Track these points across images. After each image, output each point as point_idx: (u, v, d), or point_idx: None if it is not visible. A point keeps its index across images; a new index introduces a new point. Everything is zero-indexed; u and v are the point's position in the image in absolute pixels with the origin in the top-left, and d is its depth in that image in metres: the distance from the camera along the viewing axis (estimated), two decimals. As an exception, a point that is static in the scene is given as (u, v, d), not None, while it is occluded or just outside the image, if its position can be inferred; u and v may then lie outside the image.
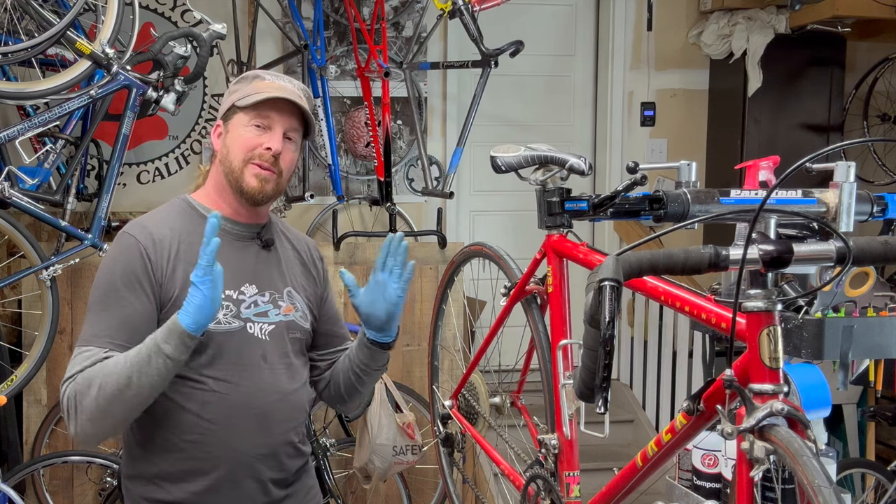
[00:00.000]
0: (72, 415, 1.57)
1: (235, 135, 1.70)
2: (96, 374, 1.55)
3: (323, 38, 4.05)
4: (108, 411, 1.54)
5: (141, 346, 1.55)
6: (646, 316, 4.29)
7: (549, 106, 4.77)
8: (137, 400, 1.55)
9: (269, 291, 1.74)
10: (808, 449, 1.11)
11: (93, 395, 1.53)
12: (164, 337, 1.53)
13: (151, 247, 1.64)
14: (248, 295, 1.71)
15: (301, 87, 1.76)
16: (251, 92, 1.70)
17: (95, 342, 1.60)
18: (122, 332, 1.60)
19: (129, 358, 1.54)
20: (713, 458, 1.80)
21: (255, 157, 1.68)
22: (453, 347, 3.08)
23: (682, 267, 1.19)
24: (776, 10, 4.35)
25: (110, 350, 1.58)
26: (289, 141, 1.72)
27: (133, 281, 1.62)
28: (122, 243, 1.67)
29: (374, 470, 3.24)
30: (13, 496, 2.91)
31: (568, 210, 1.81)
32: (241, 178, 1.69)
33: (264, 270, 1.76)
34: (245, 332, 1.68)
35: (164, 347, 1.52)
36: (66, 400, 1.57)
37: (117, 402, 1.53)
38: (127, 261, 1.63)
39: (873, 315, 1.55)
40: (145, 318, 1.62)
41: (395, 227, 4.02)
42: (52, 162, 3.17)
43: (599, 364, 1.17)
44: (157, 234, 1.67)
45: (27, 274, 2.99)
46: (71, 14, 2.72)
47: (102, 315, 1.62)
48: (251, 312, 1.70)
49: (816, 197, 1.46)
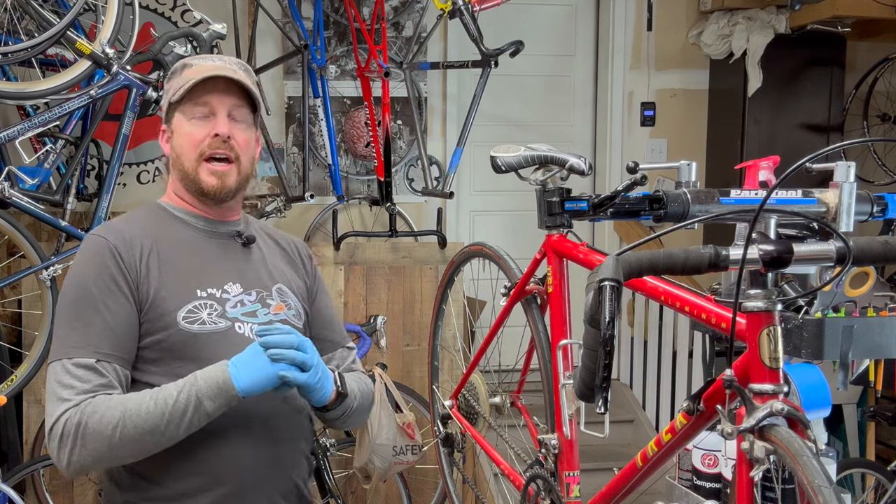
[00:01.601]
0: (68, 445, 1.40)
1: (180, 134, 1.58)
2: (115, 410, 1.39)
3: (323, 38, 4.05)
4: (120, 454, 1.42)
5: (175, 392, 1.41)
6: (646, 316, 4.29)
7: (549, 106, 4.77)
8: (156, 446, 1.42)
9: (256, 290, 1.61)
10: (808, 449, 1.11)
11: (106, 435, 1.38)
12: (211, 393, 1.40)
13: (122, 245, 1.51)
14: (232, 294, 1.57)
15: (235, 62, 1.62)
16: (181, 84, 1.56)
17: (78, 353, 1.43)
18: (105, 340, 1.45)
19: (161, 404, 1.40)
20: (713, 458, 1.80)
21: (206, 150, 1.55)
22: (453, 347, 3.07)
23: (682, 267, 1.19)
24: (776, 10, 4.35)
25: (100, 360, 1.44)
26: (236, 122, 1.58)
27: (109, 283, 1.47)
28: (90, 246, 1.53)
29: (374, 470, 3.24)
30: (13, 496, 2.91)
31: (568, 210, 1.81)
32: (198, 179, 1.57)
33: (248, 269, 1.63)
34: (234, 333, 1.54)
35: (207, 404, 1.40)
36: (65, 427, 1.39)
37: (135, 447, 1.41)
38: (98, 263, 1.49)
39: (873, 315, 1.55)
40: (128, 322, 1.48)
41: (395, 227, 4.03)
42: (52, 162, 3.16)
43: (599, 364, 1.17)
44: (128, 233, 1.54)
45: (27, 274, 2.98)
46: (71, 14, 2.72)
47: (78, 325, 1.46)
48: (238, 312, 1.56)
49: (816, 197, 1.46)
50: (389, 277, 3.79)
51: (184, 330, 1.49)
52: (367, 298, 3.75)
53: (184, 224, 1.62)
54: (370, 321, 3.65)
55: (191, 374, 1.44)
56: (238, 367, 1.42)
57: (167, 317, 1.50)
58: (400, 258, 3.87)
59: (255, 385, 1.42)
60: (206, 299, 1.53)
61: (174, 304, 1.51)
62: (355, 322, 3.68)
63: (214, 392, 1.41)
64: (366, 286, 3.75)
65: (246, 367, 1.42)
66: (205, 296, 1.53)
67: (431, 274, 3.82)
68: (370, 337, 3.58)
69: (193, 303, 1.52)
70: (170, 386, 1.43)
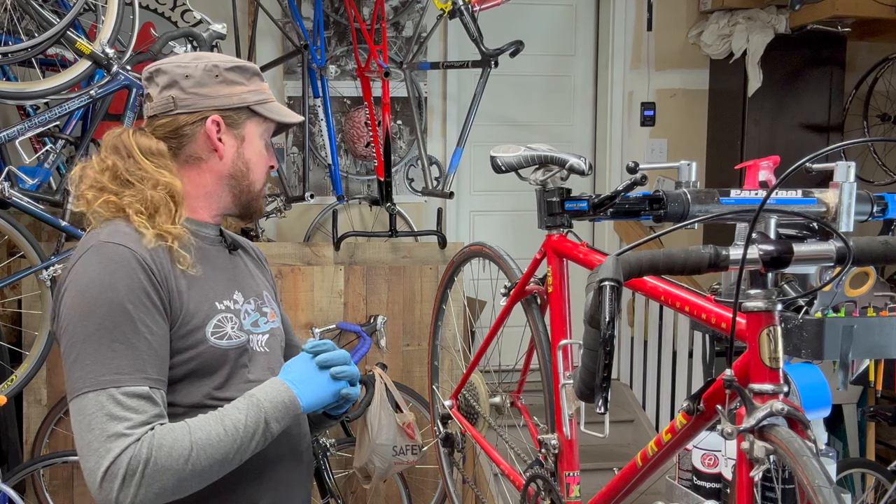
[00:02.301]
0: (133, 486, 1.25)
1: (256, 151, 1.50)
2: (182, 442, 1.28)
3: (323, 38, 4.05)
4: (186, 487, 1.30)
5: (243, 417, 1.33)
6: (646, 316, 4.29)
7: (549, 106, 4.77)
8: (220, 475, 1.34)
9: (253, 298, 1.53)
10: (808, 449, 1.11)
11: (176, 470, 1.27)
12: (278, 414, 1.37)
13: (149, 255, 1.36)
14: (240, 304, 1.49)
15: None
16: (265, 98, 1.50)
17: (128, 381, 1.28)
18: (152, 365, 1.31)
19: (231, 430, 1.32)
20: (713, 458, 1.80)
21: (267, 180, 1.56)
22: (453, 347, 3.07)
23: (682, 267, 1.19)
24: (776, 10, 4.35)
25: (153, 388, 1.31)
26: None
27: (143, 299, 1.32)
28: (111, 256, 1.34)
29: (374, 470, 3.24)
30: (13, 496, 2.91)
31: (568, 210, 1.81)
32: (258, 201, 1.53)
33: (241, 276, 1.54)
34: (250, 346, 1.48)
35: (274, 426, 1.36)
36: (129, 465, 1.24)
37: (203, 477, 1.31)
38: (128, 275, 1.32)
39: (873, 315, 1.55)
40: (164, 340, 1.34)
41: (395, 227, 4.03)
42: (52, 162, 3.16)
43: (599, 364, 1.16)
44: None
45: (27, 274, 2.98)
46: (71, 14, 2.72)
47: (120, 347, 1.29)
48: (248, 322, 1.49)
49: (816, 197, 1.46)
50: (389, 277, 3.79)
51: (214, 346, 1.40)
52: (367, 298, 3.75)
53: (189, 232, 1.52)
54: (370, 321, 3.65)
55: (246, 395, 1.38)
56: (300, 386, 1.41)
57: (198, 333, 1.39)
58: (400, 258, 3.87)
59: (318, 403, 1.43)
60: (225, 312, 1.44)
61: (202, 319, 1.40)
62: (355, 322, 3.68)
63: (282, 413, 1.38)
64: (366, 286, 3.75)
65: (309, 385, 1.42)
66: (223, 308, 1.44)
67: (431, 274, 3.82)
68: (370, 337, 3.58)
69: (217, 316, 1.42)
70: (231, 409, 1.35)
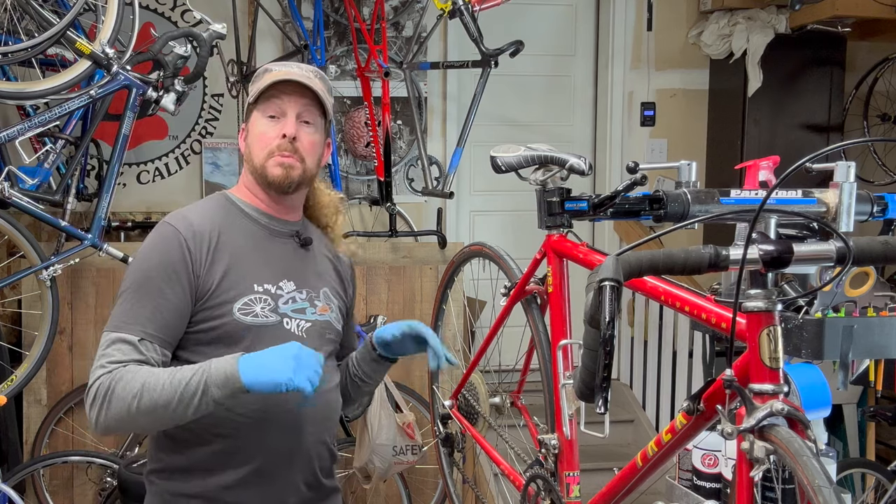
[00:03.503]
0: (97, 406, 1.53)
1: (254, 133, 1.69)
2: (137, 381, 1.50)
3: (323, 38, 4.05)
4: (137, 421, 1.53)
5: (189, 374, 1.50)
6: (646, 316, 4.29)
7: (549, 106, 4.77)
8: (166, 422, 1.53)
9: (307, 289, 1.72)
10: (808, 449, 1.11)
11: (126, 400, 1.50)
12: (219, 382, 1.49)
13: (192, 238, 1.61)
14: (285, 290, 1.68)
15: (311, 69, 1.73)
16: (260, 86, 1.69)
17: (127, 329, 1.56)
18: (154, 322, 1.56)
19: (175, 383, 1.49)
20: (713, 458, 1.80)
21: (275, 149, 1.66)
22: (453, 347, 3.08)
23: (682, 267, 1.19)
24: (776, 10, 4.35)
25: (143, 339, 1.55)
26: (306, 124, 1.69)
27: (170, 273, 1.58)
28: (161, 233, 1.63)
29: (374, 470, 3.24)
30: (13, 496, 2.91)
31: (568, 210, 1.81)
32: (266, 171, 1.67)
33: (302, 268, 1.74)
34: (282, 328, 1.65)
35: (214, 392, 1.48)
36: (97, 388, 1.53)
37: (148, 417, 1.51)
38: (165, 251, 1.60)
39: (873, 315, 1.55)
40: (179, 311, 1.59)
41: (395, 227, 4.02)
42: (52, 162, 3.16)
43: (599, 364, 1.17)
44: (197, 226, 1.64)
45: (27, 274, 2.99)
46: (71, 14, 2.72)
47: (135, 303, 1.58)
48: (289, 308, 1.67)
49: (816, 197, 1.46)
50: (389, 277, 3.79)
51: (238, 320, 1.60)
52: (367, 298, 3.75)
53: (249, 219, 1.71)
54: (370, 321, 3.65)
55: (207, 361, 1.53)
56: (250, 364, 1.49)
57: (225, 306, 1.60)
58: (400, 258, 3.87)
59: (262, 386, 1.48)
60: (261, 294, 1.64)
61: (232, 296, 1.61)
62: (355, 322, 3.67)
63: (222, 381, 1.49)
64: (366, 286, 3.75)
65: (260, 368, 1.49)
66: (261, 290, 1.64)
67: (431, 274, 3.82)
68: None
69: (249, 296, 1.63)
70: (187, 368, 1.52)
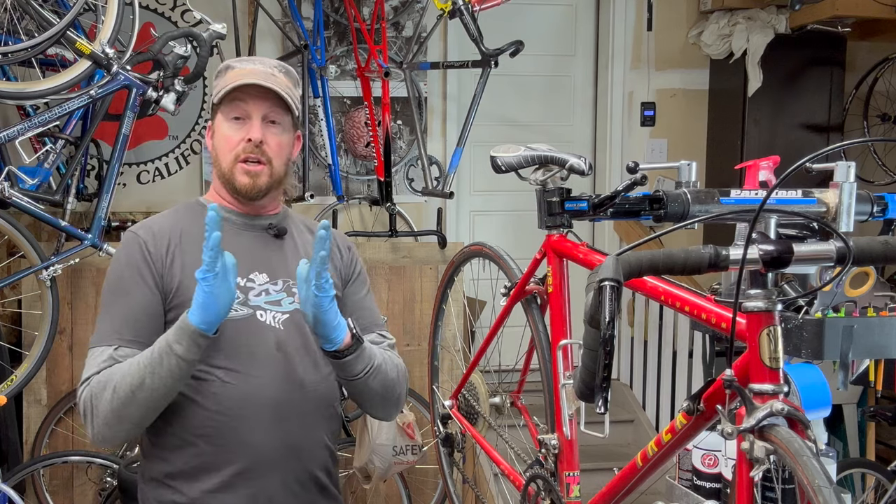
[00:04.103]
0: (88, 418, 1.55)
1: (219, 135, 1.68)
2: (110, 376, 1.53)
3: (323, 38, 4.05)
4: (122, 414, 1.53)
5: (154, 346, 1.52)
6: (646, 316, 4.29)
7: (549, 106, 4.77)
8: (151, 402, 1.52)
9: (283, 279, 1.69)
10: (808, 449, 1.10)
11: (107, 399, 1.52)
12: (176, 337, 1.49)
13: (151, 239, 1.65)
14: (257, 283, 1.67)
15: (275, 64, 1.70)
16: (222, 85, 1.67)
17: (104, 341, 1.59)
18: (127, 326, 1.59)
19: (143, 359, 1.52)
20: (713, 458, 1.80)
21: (240, 154, 1.65)
22: (453, 347, 3.08)
23: (682, 267, 1.19)
24: (776, 10, 4.35)
25: (120, 346, 1.57)
26: (272, 124, 1.67)
27: (135, 274, 1.61)
28: (124, 241, 1.69)
29: (374, 470, 3.24)
30: (13, 496, 2.91)
31: (568, 210, 1.81)
32: (233, 177, 1.67)
33: (277, 259, 1.71)
34: (255, 321, 1.64)
35: (176, 347, 1.49)
36: (83, 403, 1.56)
37: (131, 405, 1.51)
38: (128, 255, 1.64)
39: (873, 315, 1.55)
40: (149, 311, 1.60)
41: (395, 227, 4.03)
42: (52, 162, 3.16)
43: (599, 364, 1.16)
44: (157, 228, 1.68)
45: (27, 274, 2.98)
46: (71, 14, 2.72)
47: (108, 313, 1.62)
48: (261, 300, 1.66)
49: (816, 197, 1.46)
50: (389, 277, 3.79)
51: None
52: (367, 298, 3.75)
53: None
54: (370, 321, 3.65)
55: None
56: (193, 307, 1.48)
57: (188, 304, 1.55)
58: (400, 258, 3.87)
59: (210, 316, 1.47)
60: None
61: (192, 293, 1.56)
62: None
63: (177, 334, 1.49)
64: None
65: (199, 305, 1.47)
66: None
67: (431, 274, 3.82)
68: (370, 337, 3.57)
69: None
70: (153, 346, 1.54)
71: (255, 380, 1.61)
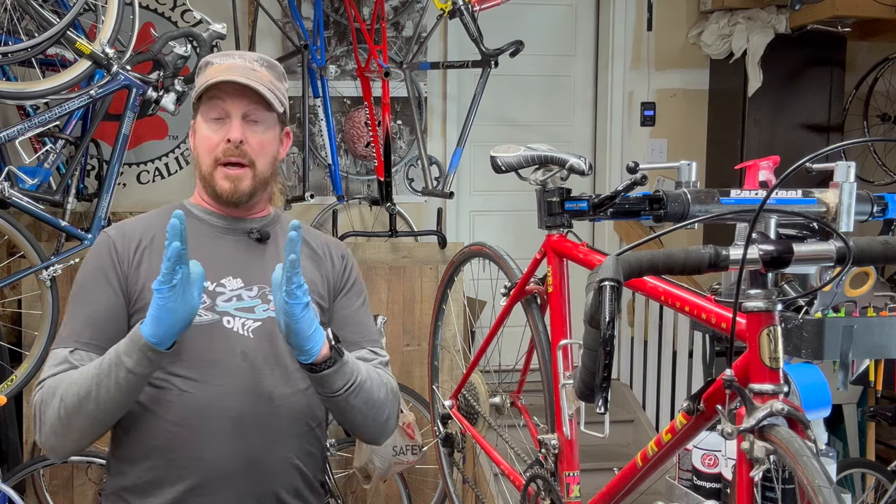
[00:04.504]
0: (37, 423, 1.47)
1: (199, 136, 1.59)
2: (59, 383, 1.45)
3: (323, 38, 4.05)
4: (69, 424, 1.44)
5: (105, 356, 1.43)
6: (646, 316, 4.29)
7: (549, 106, 4.76)
8: (99, 415, 1.43)
9: (258, 286, 1.58)
10: (808, 449, 1.11)
11: (54, 407, 1.43)
12: (126, 348, 1.39)
13: (120, 239, 1.57)
14: (228, 288, 1.56)
15: (257, 58, 1.60)
16: (200, 83, 1.58)
17: (62, 343, 1.51)
18: (86, 329, 1.51)
19: (93, 369, 1.42)
20: (713, 458, 1.80)
21: (220, 156, 1.56)
22: (453, 347, 3.08)
23: (682, 267, 1.19)
24: (776, 10, 4.34)
25: (76, 350, 1.49)
26: (254, 123, 1.57)
27: (99, 275, 1.54)
28: (95, 243, 1.63)
29: (374, 470, 3.24)
30: (13, 496, 2.91)
31: (568, 210, 1.81)
32: (213, 182, 1.58)
33: (255, 264, 1.60)
34: (221, 327, 1.52)
35: (125, 360, 1.38)
36: (33, 408, 1.48)
37: (78, 416, 1.42)
38: (96, 256, 1.57)
39: (873, 315, 1.55)
40: (111, 313, 1.52)
41: (395, 227, 4.03)
42: (52, 162, 3.16)
43: (599, 364, 1.16)
44: (129, 229, 1.60)
45: (27, 274, 2.98)
46: (71, 14, 2.72)
47: (71, 315, 1.55)
48: (231, 306, 1.54)
49: (816, 197, 1.46)
50: (389, 277, 3.79)
51: None
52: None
53: (197, 220, 1.62)
54: (370, 321, 3.65)
55: None
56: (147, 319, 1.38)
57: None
58: (400, 258, 3.87)
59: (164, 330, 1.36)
60: None
61: None
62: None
63: (129, 346, 1.39)
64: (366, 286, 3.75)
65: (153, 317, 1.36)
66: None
67: (431, 274, 3.82)
68: (370, 337, 3.57)
69: None
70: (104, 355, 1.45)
71: (215, 389, 1.50)
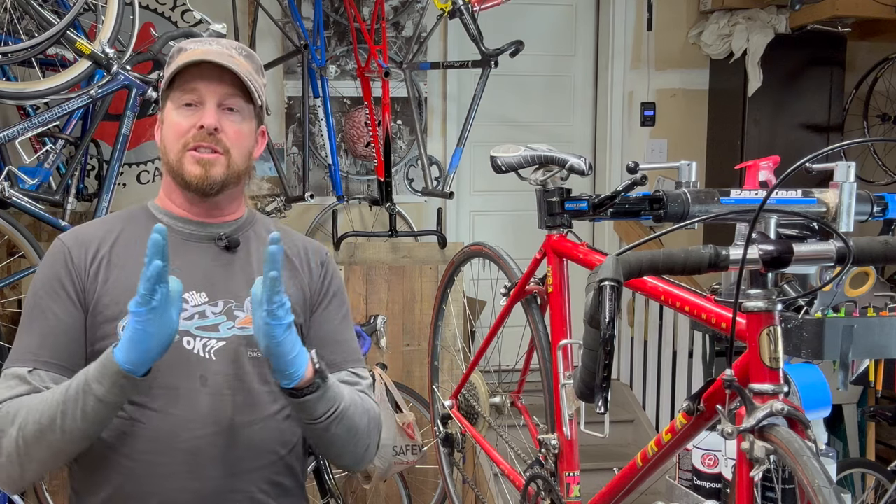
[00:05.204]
0: None
1: (167, 124, 1.45)
2: (18, 409, 1.30)
3: (323, 38, 4.05)
4: (29, 454, 1.30)
5: (72, 381, 1.29)
6: (646, 316, 4.29)
7: (549, 106, 4.76)
8: (63, 444, 1.29)
9: (224, 300, 1.43)
10: (808, 449, 1.11)
11: (12, 436, 1.29)
12: (97, 374, 1.26)
13: (75, 247, 1.42)
14: (191, 304, 1.41)
15: (235, 45, 1.47)
16: (173, 68, 1.43)
17: (18, 361, 1.36)
18: (44, 346, 1.37)
19: (57, 395, 1.28)
20: (713, 458, 1.80)
21: (190, 142, 1.41)
22: (453, 347, 3.08)
23: (682, 267, 1.19)
24: (776, 9, 4.34)
25: (35, 369, 1.35)
26: (230, 111, 1.43)
27: (56, 288, 1.39)
28: (50, 250, 1.45)
29: (374, 470, 3.24)
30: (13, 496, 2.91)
31: (568, 210, 1.81)
32: (182, 168, 1.42)
33: (221, 275, 1.45)
34: (180, 349, 1.37)
35: (95, 387, 1.25)
36: None
37: (39, 445, 1.29)
38: (50, 266, 1.42)
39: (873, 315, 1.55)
40: (70, 327, 1.38)
41: (395, 227, 4.03)
42: (52, 162, 3.16)
43: (599, 364, 1.16)
44: (85, 235, 1.45)
45: (27, 274, 2.98)
46: (71, 14, 2.72)
47: (26, 330, 1.40)
48: (192, 325, 1.40)
49: (816, 197, 1.46)
50: (389, 277, 3.79)
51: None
52: (367, 298, 3.75)
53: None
54: (370, 321, 3.65)
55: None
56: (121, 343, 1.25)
57: (108, 325, 1.38)
58: (400, 258, 3.87)
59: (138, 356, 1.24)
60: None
61: (115, 312, 1.38)
62: (355, 322, 3.68)
63: (99, 371, 1.26)
64: (366, 286, 3.75)
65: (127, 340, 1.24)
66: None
67: (431, 274, 3.82)
68: (370, 337, 3.58)
69: None
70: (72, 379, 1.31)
71: (171, 419, 1.36)
